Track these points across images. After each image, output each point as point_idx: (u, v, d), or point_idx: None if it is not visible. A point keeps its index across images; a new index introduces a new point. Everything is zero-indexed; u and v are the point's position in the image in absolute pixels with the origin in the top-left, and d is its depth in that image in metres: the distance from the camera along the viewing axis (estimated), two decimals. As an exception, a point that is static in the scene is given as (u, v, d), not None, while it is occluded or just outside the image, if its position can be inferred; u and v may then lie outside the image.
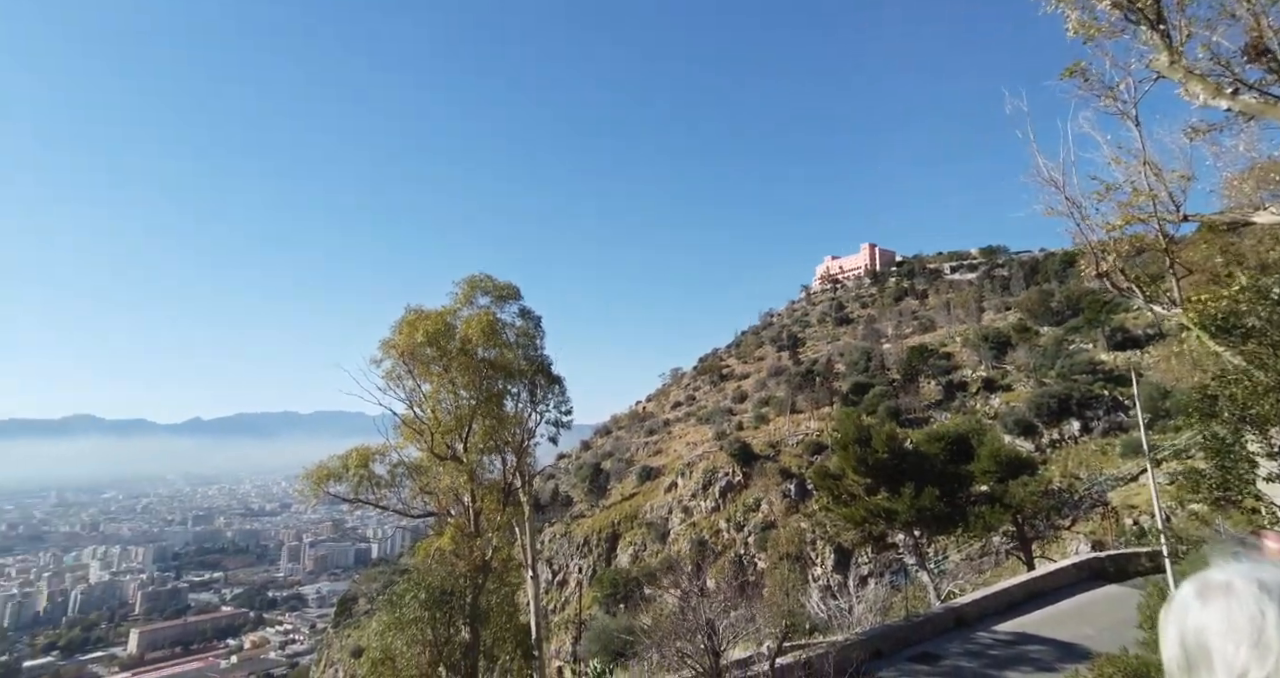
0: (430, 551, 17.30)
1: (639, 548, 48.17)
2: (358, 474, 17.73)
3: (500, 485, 18.69)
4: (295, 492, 22.13)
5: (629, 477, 62.23)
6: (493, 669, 15.54)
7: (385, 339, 19.10)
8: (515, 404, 20.48)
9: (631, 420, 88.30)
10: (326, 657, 64.58)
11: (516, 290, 20.68)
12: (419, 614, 14.32)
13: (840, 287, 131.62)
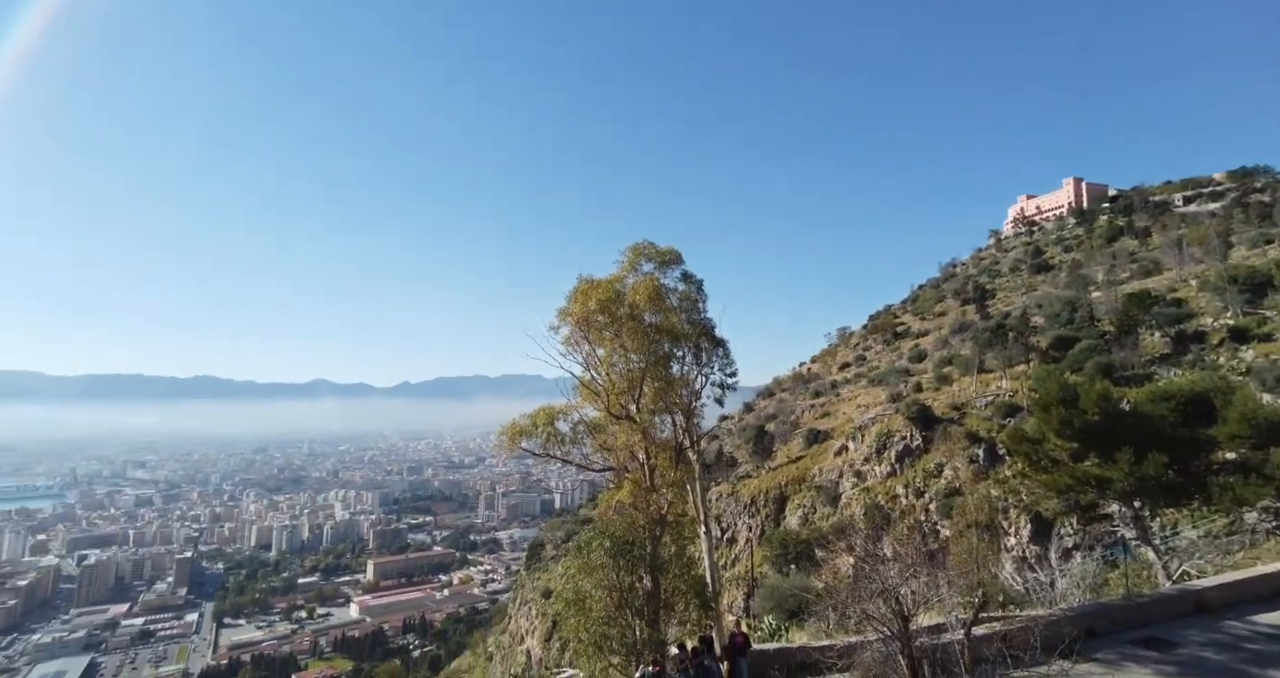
0: (611, 503, 18.42)
1: (808, 511, 47.51)
2: (545, 431, 19.16)
3: (671, 444, 19.30)
4: (493, 446, 24.46)
5: (795, 439, 61.20)
6: (672, 618, 16.33)
7: (562, 307, 20.32)
8: (681, 367, 20.89)
9: (795, 382, 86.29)
10: (520, 596, 72.05)
11: (678, 255, 20.85)
12: (604, 561, 15.37)
13: (1038, 229, 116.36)
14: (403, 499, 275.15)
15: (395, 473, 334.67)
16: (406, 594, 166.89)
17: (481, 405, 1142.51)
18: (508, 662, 62.84)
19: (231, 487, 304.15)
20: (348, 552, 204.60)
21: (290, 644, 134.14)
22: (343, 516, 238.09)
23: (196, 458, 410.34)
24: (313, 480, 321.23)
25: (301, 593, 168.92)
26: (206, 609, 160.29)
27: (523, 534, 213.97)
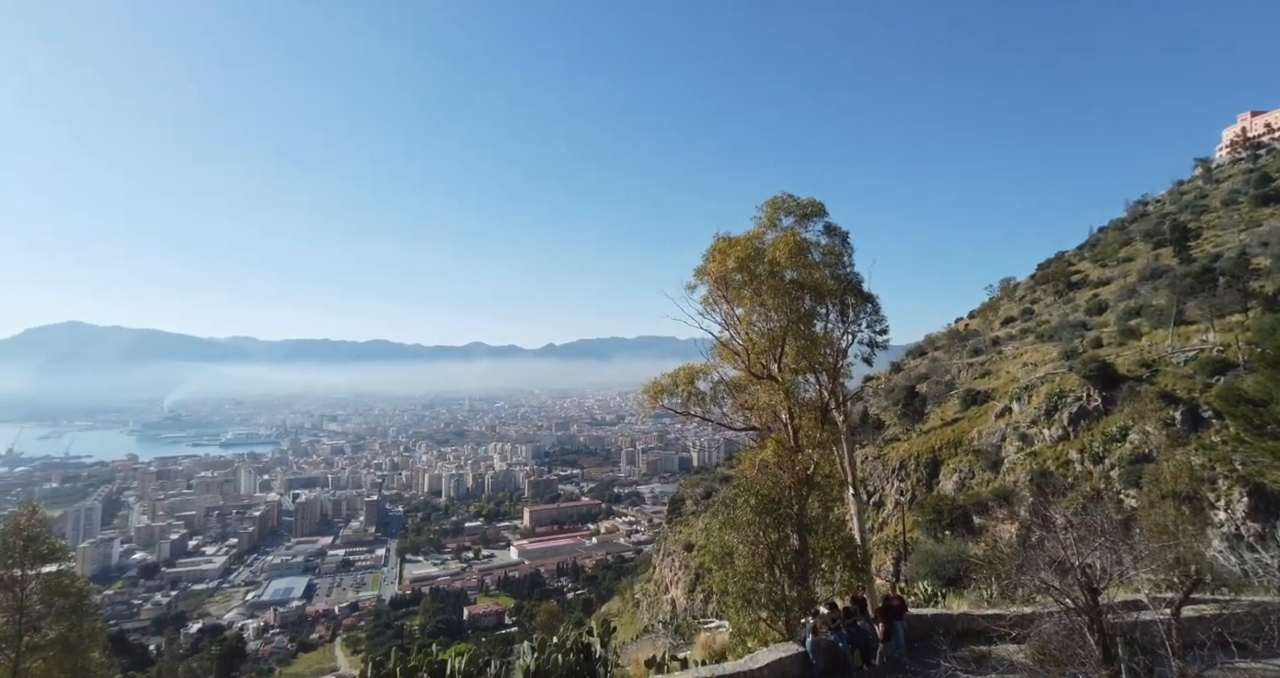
0: (754, 461, 18.40)
1: (965, 475, 44.53)
2: (685, 390, 19.40)
3: (816, 405, 18.81)
4: (636, 403, 25.21)
5: (950, 400, 57.21)
6: (820, 577, 16.20)
7: (698, 267, 20.21)
8: (825, 325, 20.10)
9: (950, 340, 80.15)
10: (664, 548, 74.98)
11: (820, 207, 19.83)
12: (750, 518, 15.49)
13: (1266, 152, 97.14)
14: (552, 453, 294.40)
15: (545, 428, 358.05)
16: (559, 541, 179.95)
17: (620, 365, 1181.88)
18: (654, 609, 66.16)
19: (406, 439, 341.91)
20: (506, 499, 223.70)
21: (460, 581, 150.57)
22: (501, 466, 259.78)
23: (376, 413, 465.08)
24: (474, 434, 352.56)
25: (468, 536, 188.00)
26: (391, 546, 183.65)
27: (663, 489, 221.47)
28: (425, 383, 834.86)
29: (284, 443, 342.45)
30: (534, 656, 14.97)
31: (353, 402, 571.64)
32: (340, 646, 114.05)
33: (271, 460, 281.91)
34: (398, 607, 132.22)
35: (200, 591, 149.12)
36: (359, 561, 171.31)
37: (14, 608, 20.63)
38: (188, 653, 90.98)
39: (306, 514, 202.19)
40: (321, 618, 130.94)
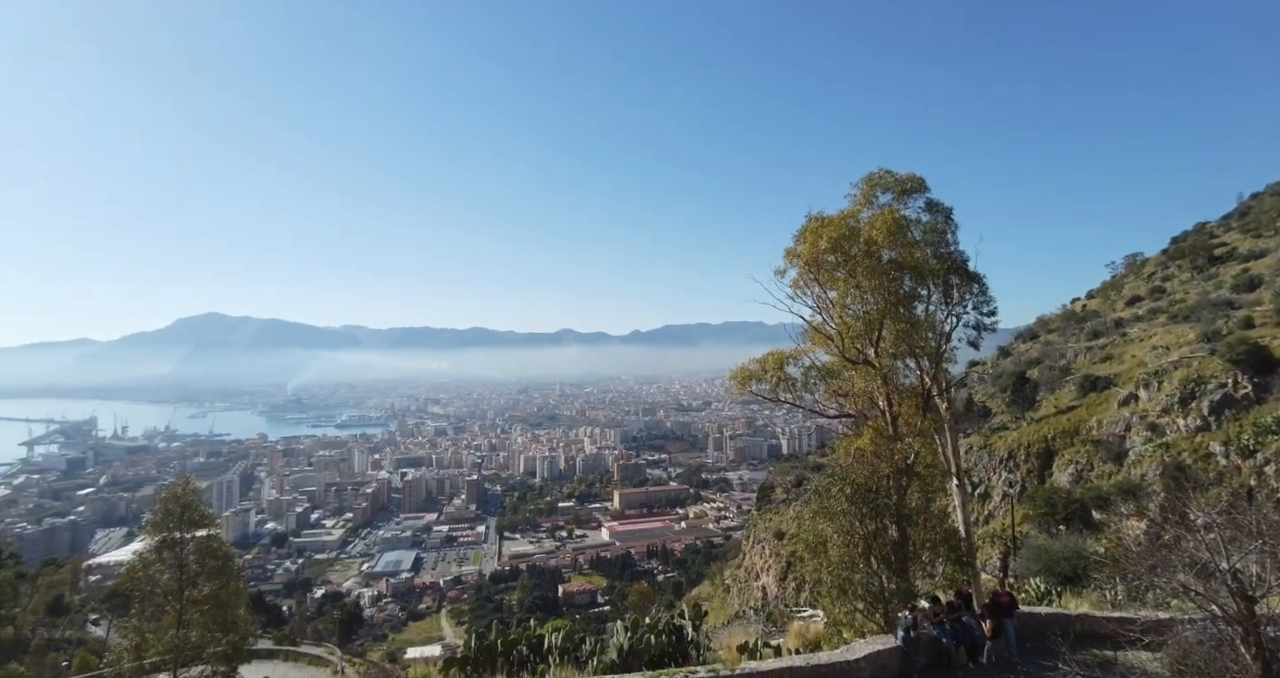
0: (850, 450, 17.85)
1: (1083, 467, 41.20)
2: (775, 376, 18.99)
3: (917, 391, 17.96)
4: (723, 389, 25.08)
5: (1065, 387, 53.04)
6: (921, 570, 15.56)
7: (788, 249, 19.66)
8: (927, 307, 19.10)
9: (1066, 322, 74.13)
10: (754, 535, 74.39)
11: (921, 182, 18.76)
12: (845, 507, 15.08)
13: None
14: (639, 437, 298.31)
15: (632, 413, 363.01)
16: (648, 523, 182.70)
17: (705, 351, 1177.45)
18: (744, 595, 66.00)
19: (503, 422, 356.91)
20: (596, 481, 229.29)
21: (555, 559, 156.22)
22: (591, 450, 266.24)
23: (475, 397, 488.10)
24: (564, 418, 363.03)
25: (561, 515, 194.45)
26: (491, 523, 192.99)
27: (751, 476, 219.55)
28: (519, 368, 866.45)
29: (392, 425, 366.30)
30: (627, 635, 15.34)
31: (453, 386, 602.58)
32: (445, 617, 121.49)
33: (381, 441, 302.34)
34: (497, 582, 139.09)
35: (322, 560, 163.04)
36: (461, 537, 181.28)
37: (176, 566, 23.40)
38: (313, 615, 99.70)
39: (413, 492, 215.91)
40: (428, 590, 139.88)
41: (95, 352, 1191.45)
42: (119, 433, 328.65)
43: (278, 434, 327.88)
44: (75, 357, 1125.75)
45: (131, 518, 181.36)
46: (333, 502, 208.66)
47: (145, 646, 22.08)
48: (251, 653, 35.03)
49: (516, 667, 14.19)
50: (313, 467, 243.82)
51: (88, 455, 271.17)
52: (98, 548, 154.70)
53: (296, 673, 40.34)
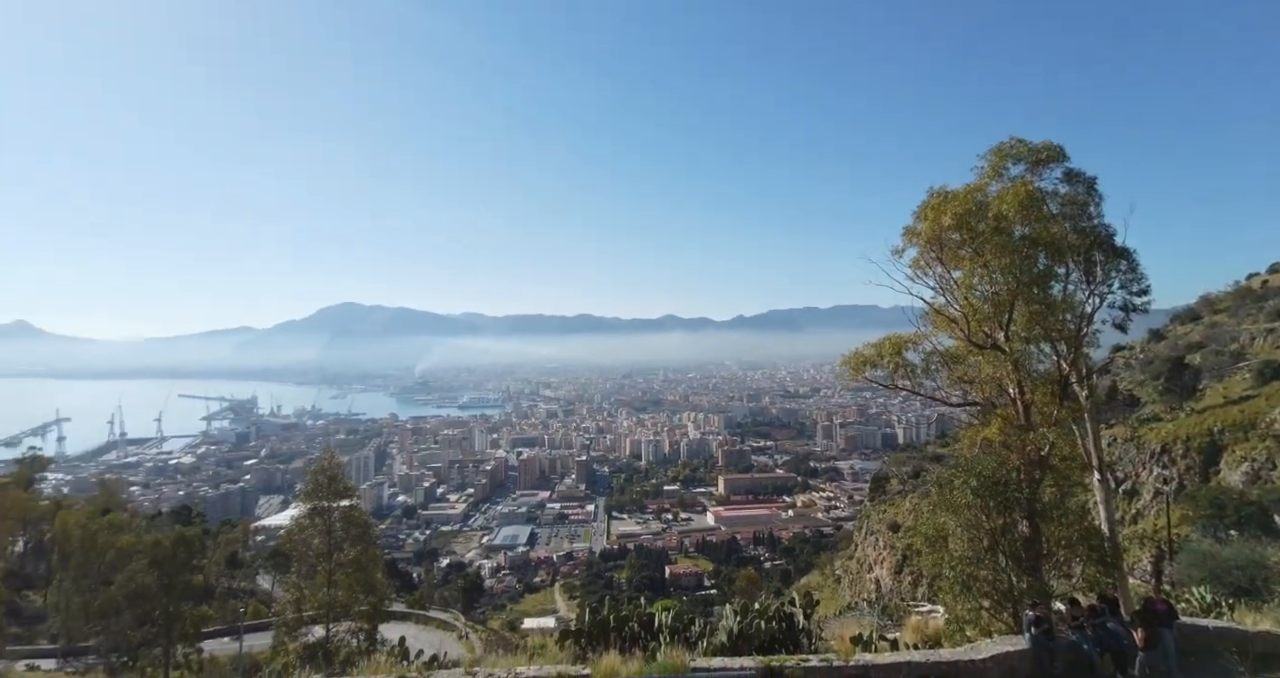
0: (975, 440, 16.79)
1: (1260, 465, 36.25)
2: (892, 361, 18.15)
3: (1054, 378, 16.54)
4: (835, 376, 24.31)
5: (1236, 374, 46.80)
6: (1057, 570, 14.44)
7: (907, 227, 18.58)
8: (1065, 286, 17.48)
9: (1239, 300, 65.14)
10: (866, 526, 71.88)
11: (1058, 151, 17.10)
12: (970, 500, 14.27)
13: None
14: (744, 424, 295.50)
15: (736, 400, 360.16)
16: (754, 510, 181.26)
17: (813, 336, 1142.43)
18: (856, 587, 64.11)
19: (609, 405, 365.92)
20: (701, 467, 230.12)
21: (661, 540, 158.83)
22: (695, 435, 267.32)
23: (583, 381, 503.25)
24: (668, 403, 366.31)
25: (666, 498, 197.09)
26: (600, 503, 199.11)
27: (863, 465, 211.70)
28: (624, 354, 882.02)
29: (508, 406, 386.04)
30: (737, 619, 15.41)
31: (562, 370, 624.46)
32: (559, 590, 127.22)
33: (498, 421, 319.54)
34: (606, 560, 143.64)
35: (447, 531, 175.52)
36: (572, 515, 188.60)
37: (325, 531, 26.21)
38: (440, 583, 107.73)
39: (528, 470, 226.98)
40: (542, 564, 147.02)
41: (254, 338, 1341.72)
42: (274, 411, 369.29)
43: (407, 414, 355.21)
44: (238, 343, 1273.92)
45: (286, 487, 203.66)
46: (456, 478, 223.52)
47: (304, 600, 24.96)
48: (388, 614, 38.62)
49: (629, 643, 14.64)
50: (438, 445, 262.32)
51: (251, 430, 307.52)
52: (261, 512, 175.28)
53: (427, 635, 43.97)
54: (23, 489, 67.78)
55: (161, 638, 36.24)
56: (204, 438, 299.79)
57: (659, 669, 10.97)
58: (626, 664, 11.05)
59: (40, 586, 55.40)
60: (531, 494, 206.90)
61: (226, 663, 36.64)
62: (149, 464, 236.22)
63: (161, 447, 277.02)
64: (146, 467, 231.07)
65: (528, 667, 10.75)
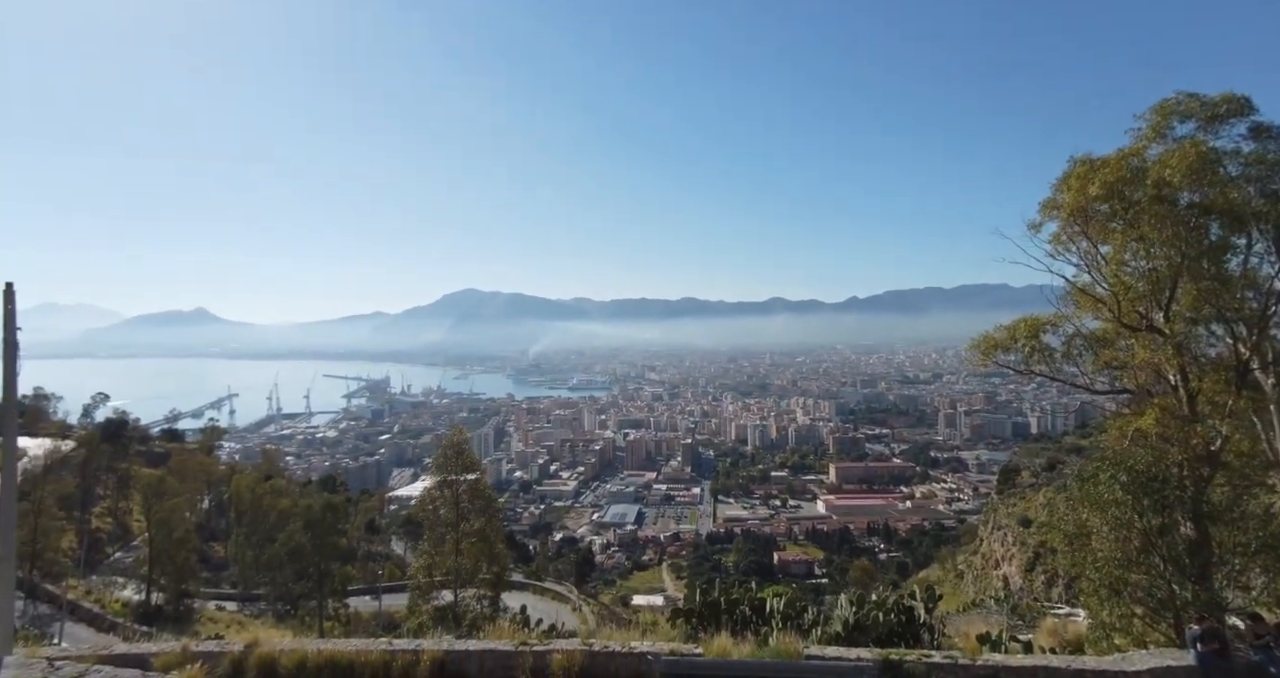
0: (1126, 431, 15.22)
1: None
2: (1028, 345, 16.85)
3: (1229, 364, 14.61)
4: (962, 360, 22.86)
5: None
6: (1232, 580, 12.81)
7: (1046, 200, 17.10)
8: (1244, 259, 15.34)
9: None
10: (994, 520, 67.27)
11: (1241, 103, 14.94)
12: (1119, 497, 12.96)
13: None
14: (858, 410, 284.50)
15: (849, 385, 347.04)
16: (868, 500, 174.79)
17: (935, 319, 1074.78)
18: (981, 583, 60.35)
19: (714, 390, 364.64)
20: (810, 453, 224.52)
21: (769, 526, 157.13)
22: (804, 421, 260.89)
23: (688, 365, 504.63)
24: (775, 388, 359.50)
25: (774, 484, 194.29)
26: (705, 486, 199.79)
27: (990, 456, 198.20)
28: (728, 337, 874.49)
29: (615, 389, 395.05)
30: (852, 609, 15.00)
31: (666, 354, 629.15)
32: (666, 570, 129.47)
33: (606, 403, 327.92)
34: (713, 542, 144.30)
35: (560, 507, 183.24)
36: (678, 496, 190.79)
37: (453, 503, 28.24)
38: (554, 556, 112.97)
39: (634, 451, 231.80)
40: (650, 543, 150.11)
41: (386, 323, 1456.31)
42: (405, 390, 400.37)
43: (522, 395, 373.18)
44: (372, 327, 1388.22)
45: (416, 461, 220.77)
46: (567, 456, 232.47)
47: (434, 566, 27.11)
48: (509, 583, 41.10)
49: (740, 625, 14.68)
50: (550, 424, 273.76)
51: (385, 408, 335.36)
52: (394, 484, 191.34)
53: (544, 605, 46.34)
54: (205, 454, 78.16)
55: (316, 592, 40.79)
56: (345, 414, 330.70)
57: (771, 654, 10.91)
58: (738, 647, 11.08)
59: (222, 538, 63.90)
60: (638, 475, 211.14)
61: (369, 619, 40.54)
62: (300, 437, 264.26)
63: (310, 421, 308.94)
64: (298, 439, 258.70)
65: (641, 641, 11.04)
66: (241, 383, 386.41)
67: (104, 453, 61.98)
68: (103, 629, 32.81)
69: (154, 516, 42.54)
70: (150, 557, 41.24)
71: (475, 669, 8.99)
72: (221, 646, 8.34)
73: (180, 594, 40.87)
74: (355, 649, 8.59)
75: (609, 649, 10.19)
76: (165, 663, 7.56)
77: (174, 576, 40.61)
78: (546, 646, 9.64)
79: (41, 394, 78.73)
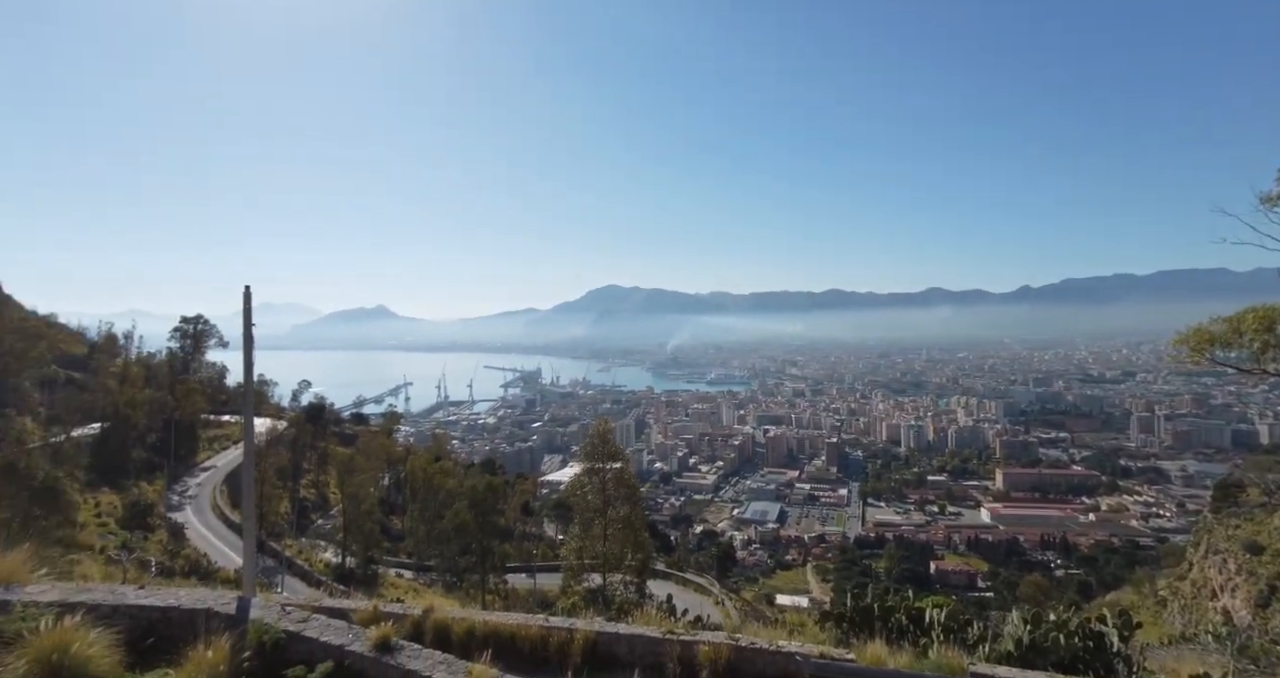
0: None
1: None
2: (1258, 340, 14.28)
3: None
4: (1166, 357, 19.84)
5: None
6: None
7: (1287, 164, 14.25)
8: None
9: None
10: (1207, 542, 57.61)
11: None
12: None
13: None
14: (1030, 411, 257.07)
15: (1019, 383, 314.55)
16: (1041, 510, 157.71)
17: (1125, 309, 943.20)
18: (1189, 614, 51.99)
19: (861, 387, 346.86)
20: (973, 458, 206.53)
21: (925, 533, 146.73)
22: (965, 422, 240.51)
23: (832, 361, 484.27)
24: (932, 385, 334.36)
25: (931, 489, 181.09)
26: (853, 488, 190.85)
27: (1200, 468, 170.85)
28: (878, 331, 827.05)
29: (754, 384, 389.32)
30: (1027, 628, 13.56)
31: (809, 348, 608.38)
32: (810, 571, 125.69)
33: (745, 398, 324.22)
34: (861, 546, 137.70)
35: (699, 500, 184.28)
36: (823, 497, 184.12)
37: (599, 489, 29.41)
38: (694, 549, 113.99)
39: (775, 448, 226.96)
40: (793, 543, 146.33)
41: (538, 318, 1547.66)
42: (554, 381, 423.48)
43: (661, 388, 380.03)
44: (525, 322, 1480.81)
45: (564, 448, 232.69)
46: (706, 450, 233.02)
47: (584, 550, 28.42)
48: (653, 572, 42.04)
49: (895, 634, 13.85)
50: (689, 418, 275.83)
51: (536, 397, 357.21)
52: (545, 469, 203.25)
53: (687, 596, 46.87)
54: (386, 436, 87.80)
55: (479, 567, 44.40)
56: (502, 403, 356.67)
57: (932, 668, 10.15)
58: (894, 657, 10.44)
59: (399, 512, 71.65)
60: (779, 472, 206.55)
61: (525, 595, 43.44)
62: (464, 423, 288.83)
63: (472, 409, 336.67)
64: (462, 424, 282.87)
65: (789, 641, 10.77)
66: (414, 373, 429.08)
67: (308, 433, 71.97)
68: (311, 584, 38.18)
69: (346, 489, 48.70)
70: (344, 525, 47.29)
71: (625, 652, 9.25)
72: (404, 609, 9.31)
73: (368, 560, 46.46)
74: (516, 623, 9.19)
75: (756, 646, 10.04)
76: (362, 619, 8.59)
77: (362, 543, 46.25)
78: (693, 636, 9.69)
79: (263, 381, 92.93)
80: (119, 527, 38.62)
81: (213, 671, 6.50)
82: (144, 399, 53.91)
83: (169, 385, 61.56)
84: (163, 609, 7.93)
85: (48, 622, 6.59)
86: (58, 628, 6.41)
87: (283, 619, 7.84)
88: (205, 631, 7.14)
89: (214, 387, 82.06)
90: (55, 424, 45.63)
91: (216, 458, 64.68)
